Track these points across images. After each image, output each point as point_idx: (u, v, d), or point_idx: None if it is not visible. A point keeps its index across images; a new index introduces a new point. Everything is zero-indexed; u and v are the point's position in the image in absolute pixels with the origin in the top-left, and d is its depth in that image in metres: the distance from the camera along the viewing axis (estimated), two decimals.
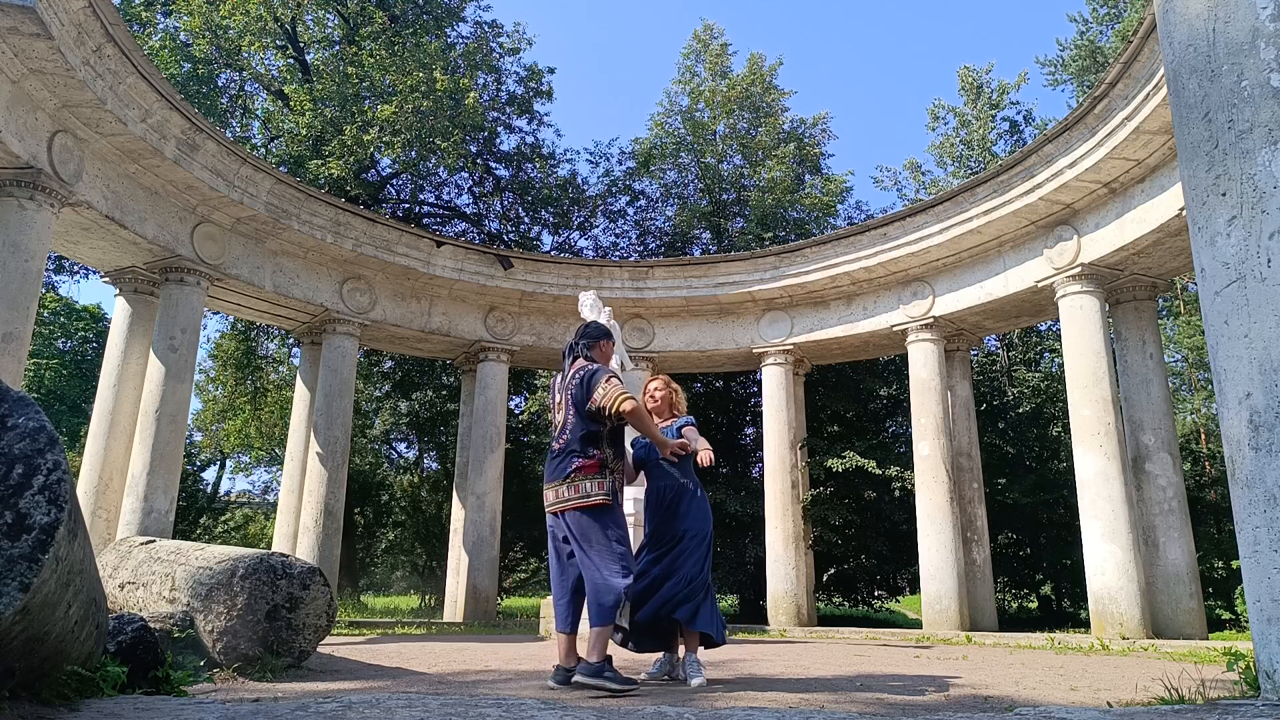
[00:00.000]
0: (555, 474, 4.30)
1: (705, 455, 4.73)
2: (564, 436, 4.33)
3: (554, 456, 4.37)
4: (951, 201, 12.04)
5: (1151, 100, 9.02)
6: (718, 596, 23.67)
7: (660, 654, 4.84)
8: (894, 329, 13.38)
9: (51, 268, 17.94)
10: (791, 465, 13.97)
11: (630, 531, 4.41)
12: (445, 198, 21.90)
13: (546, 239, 21.89)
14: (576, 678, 3.99)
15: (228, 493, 33.59)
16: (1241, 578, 2.79)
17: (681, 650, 4.71)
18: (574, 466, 4.22)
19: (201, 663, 4.16)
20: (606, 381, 4.26)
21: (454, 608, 13.87)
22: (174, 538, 10.51)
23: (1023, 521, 18.15)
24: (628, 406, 4.20)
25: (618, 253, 22.64)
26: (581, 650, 4.22)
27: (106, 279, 11.66)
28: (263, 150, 18.48)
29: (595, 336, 4.66)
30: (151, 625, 3.86)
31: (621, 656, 5.04)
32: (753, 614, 17.41)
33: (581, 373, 4.38)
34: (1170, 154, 9.48)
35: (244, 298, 12.54)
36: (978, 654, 7.80)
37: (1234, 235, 2.43)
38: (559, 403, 4.44)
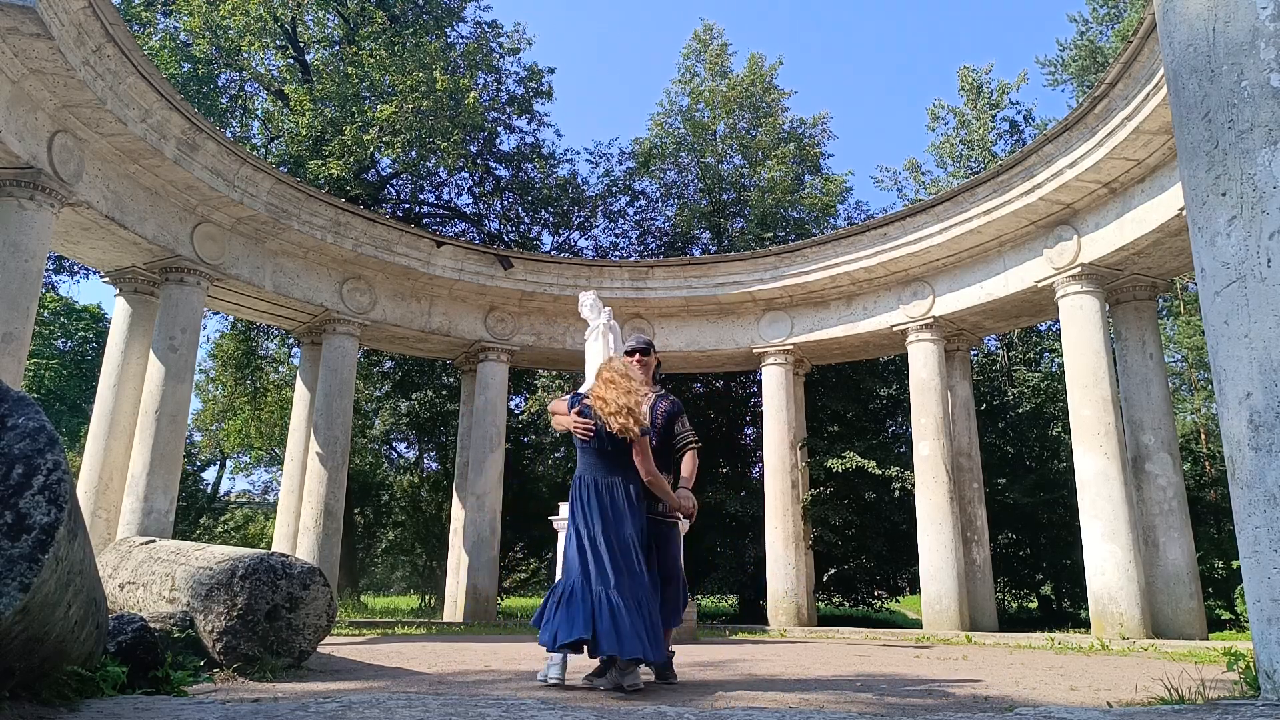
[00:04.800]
0: None
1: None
2: None
3: None
4: (951, 201, 12.03)
5: (1151, 100, 9.01)
6: (719, 596, 23.67)
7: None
8: (894, 329, 13.37)
9: (51, 268, 17.94)
10: (791, 465, 13.97)
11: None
12: (445, 198, 21.91)
13: (546, 239, 21.92)
14: None
15: (228, 493, 33.62)
16: (1241, 578, 2.79)
17: None
18: None
19: (201, 663, 4.16)
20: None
21: (454, 608, 13.88)
22: (174, 538, 10.51)
23: (1023, 521, 18.14)
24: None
25: (618, 253, 22.65)
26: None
27: (106, 279, 11.66)
28: (263, 150, 18.48)
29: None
30: (151, 625, 3.86)
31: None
32: (753, 614, 17.40)
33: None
34: (1170, 154, 9.47)
35: (244, 298, 12.55)
36: (978, 654, 7.80)
37: (1234, 235, 2.43)
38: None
